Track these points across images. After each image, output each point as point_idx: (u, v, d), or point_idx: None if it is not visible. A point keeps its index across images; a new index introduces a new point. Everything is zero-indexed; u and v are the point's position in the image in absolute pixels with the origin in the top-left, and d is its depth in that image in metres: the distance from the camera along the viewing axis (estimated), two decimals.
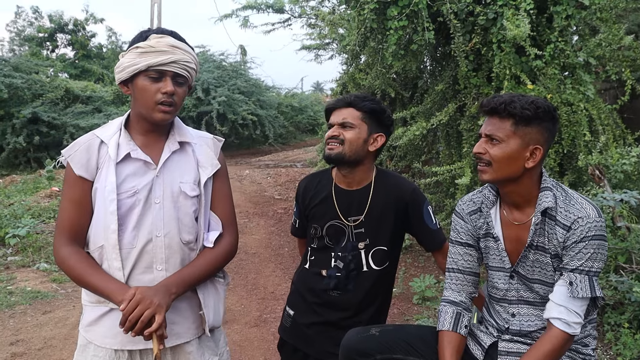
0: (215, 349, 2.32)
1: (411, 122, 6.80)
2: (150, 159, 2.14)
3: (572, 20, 5.36)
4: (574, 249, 2.07)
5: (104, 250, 2.09)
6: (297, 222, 2.87)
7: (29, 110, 15.89)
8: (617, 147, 5.48)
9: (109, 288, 2.02)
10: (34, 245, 7.35)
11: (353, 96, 2.62)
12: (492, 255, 2.30)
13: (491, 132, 2.12)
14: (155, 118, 2.10)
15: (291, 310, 2.81)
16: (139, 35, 2.12)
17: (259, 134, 19.97)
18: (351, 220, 2.62)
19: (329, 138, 2.58)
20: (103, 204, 2.08)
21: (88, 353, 2.17)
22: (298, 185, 2.86)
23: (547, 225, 2.14)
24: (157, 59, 2.04)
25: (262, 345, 4.72)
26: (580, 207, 2.09)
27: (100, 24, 30.23)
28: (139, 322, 1.92)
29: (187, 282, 2.12)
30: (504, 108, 2.08)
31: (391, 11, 5.42)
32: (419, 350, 2.35)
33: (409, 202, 2.63)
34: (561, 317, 2.05)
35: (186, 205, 2.17)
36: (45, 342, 4.73)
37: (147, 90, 2.07)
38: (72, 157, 2.12)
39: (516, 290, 2.26)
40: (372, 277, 2.64)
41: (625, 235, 4.61)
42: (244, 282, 6.43)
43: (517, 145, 2.09)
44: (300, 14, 11.52)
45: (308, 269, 2.76)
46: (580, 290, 2.04)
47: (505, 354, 2.25)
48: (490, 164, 2.12)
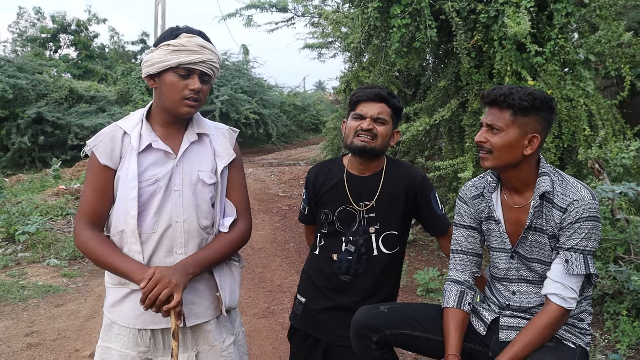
0: (232, 328, 2.44)
1: (414, 118, 6.90)
2: (171, 149, 2.26)
3: (572, 17, 5.47)
4: (569, 230, 2.21)
5: (124, 235, 2.21)
6: (306, 209, 2.95)
7: (33, 111, 16.03)
8: (617, 141, 5.58)
9: (130, 268, 2.13)
10: (44, 242, 7.46)
11: (386, 92, 2.68)
12: (493, 237, 2.43)
13: (492, 122, 2.26)
14: (181, 112, 2.22)
15: (302, 297, 2.90)
16: (169, 32, 2.23)
17: (262, 132, 20.08)
18: (362, 205, 2.72)
19: (363, 130, 2.63)
20: (125, 191, 2.20)
21: (112, 332, 2.29)
22: (308, 172, 2.95)
23: (545, 207, 2.27)
24: (188, 58, 2.16)
25: (271, 335, 4.84)
26: (576, 190, 2.23)
27: (102, 24, 30.31)
28: (157, 300, 2.03)
29: (204, 263, 2.23)
30: (503, 99, 2.22)
31: (394, 9, 5.52)
32: (425, 326, 2.48)
33: (419, 188, 2.75)
34: (557, 292, 2.20)
35: (204, 192, 2.29)
36: (59, 333, 4.85)
37: (175, 86, 2.18)
38: (97, 147, 2.23)
39: (516, 270, 2.39)
40: (383, 261, 2.74)
41: (624, 226, 4.72)
42: (251, 275, 6.55)
43: (516, 134, 2.23)
44: (304, 13, 11.62)
45: (318, 255, 2.85)
46: (576, 268, 2.18)
47: (506, 327, 2.39)
48: (491, 152, 2.26)
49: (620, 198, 4.71)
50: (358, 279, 2.75)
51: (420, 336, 2.47)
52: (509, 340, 2.32)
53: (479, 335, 2.46)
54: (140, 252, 2.19)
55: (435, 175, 6.25)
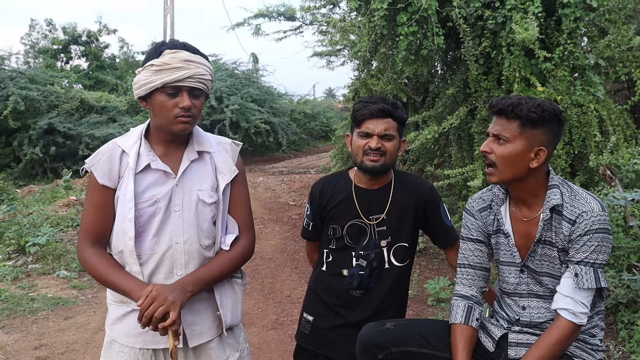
0: (236, 345, 2.40)
1: (423, 126, 6.87)
2: (170, 168, 2.22)
3: (580, 22, 5.42)
4: (579, 242, 2.15)
5: (123, 255, 2.19)
6: (310, 225, 2.89)
7: (44, 121, 16.10)
8: (628, 147, 5.52)
9: (130, 286, 2.10)
10: (54, 253, 7.47)
11: (390, 105, 2.61)
12: (502, 250, 2.38)
13: (498, 132, 2.21)
14: (175, 130, 2.17)
15: (309, 316, 2.83)
16: (153, 51, 2.17)
17: (272, 141, 20.07)
18: (372, 219, 2.68)
19: (372, 150, 2.58)
20: (122, 211, 2.17)
21: (114, 350, 2.27)
22: (312, 188, 2.89)
23: (554, 220, 2.22)
24: (172, 76, 2.09)
25: (280, 347, 4.81)
26: (585, 202, 2.17)
27: (113, 34, 30.51)
28: (153, 318, 2.00)
29: (203, 282, 2.19)
30: (512, 110, 2.16)
31: (401, 17, 5.50)
32: (432, 343, 2.42)
33: (428, 199, 2.72)
34: (568, 307, 2.14)
35: (205, 212, 2.25)
36: (68, 346, 4.84)
37: (164, 106, 2.13)
38: (96, 167, 2.20)
39: (526, 284, 2.33)
40: (394, 274, 2.71)
41: (637, 234, 4.65)
42: (260, 286, 6.52)
43: (523, 146, 2.17)
44: (312, 21, 11.61)
45: (326, 271, 2.79)
46: (586, 282, 2.12)
47: (515, 344, 2.33)
48: (495, 165, 2.21)
49: (632, 205, 4.64)
50: (370, 294, 2.70)
51: (427, 353, 2.42)
52: (518, 357, 2.27)
53: (487, 351, 2.41)
54: (140, 272, 2.17)
55: (445, 184, 6.21)
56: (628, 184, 5.15)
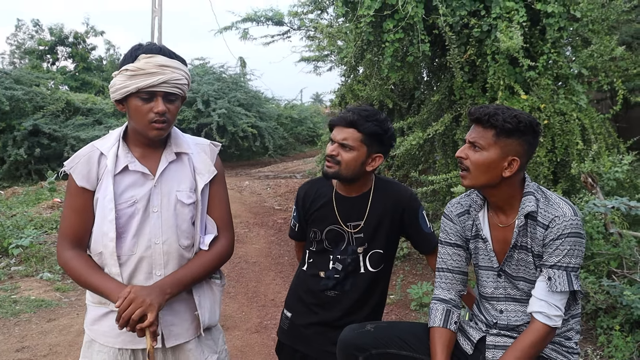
0: (214, 347, 2.42)
1: (408, 132, 6.92)
2: (148, 169, 2.24)
3: (564, 32, 5.50)
4: (552, 246, 2.20)
5: (102, 257, 2.20)
6: (296, 226, 2.96)
7: (29, 123, 15.98)
8: (610, 155, 5.59)
9: (108, 288, 2.12)
10: (37, 256, 7.43)
11: (357, 115, 2.59)
12: (481, 255, 2.43)
13: (474, 139, 2.27)
14: (150, 135, 2.19)
15: (289, 312, 2.90)
16: (129, 54, 2.17)
17: (259, 145, 20.04)
18: (350, 226, 2.73)
19: (328, 155, 2.64)
20: (102, 213, 2.18)
21: (93, 349, 2.29)
22: (298, 190, 2.94)
23: (529, 226, 2.27)
24: (147, 82, 2.10)
25: (263, 351, 4.82)
26: (558, 206, 2.23)
27: (100, 36, 30.44)
28: (130, 319, 2.02)
29: (182, 283, 2.21)
30: (488, 119, 2.21)
31: (387, 24, 5.55)
32: (412, 346, 2.46)
33: (406, 207, 2.75)
34: (542, 310, 2.19)
35: (183, 213, 2.28)
36: (51, 348, 4.82)
37: (139, 110, 2.14)
38: (74, 169, 2.21)
39: (503, 288, 2.38)
40: (368, 278, 2.75)
41: (617, 241, 4.72)
42: (244, 290, 6.52)
43: (496, 155, 2.22)
44: (299, 27, 11.66)
45: (306, 271, 2.86)
46: (559, 285, 2.17)
47: (492, 347, 2.37)
48: (468, 170, 2.27)
49: (612, 212, 4.71)
50: (344, 295, 2.76)
51: (407, 355, 2.45)
52: (496, 359, 2.31)
53: (465, 354, 2.45)
54: (119, 274, 2.18)
55: (429, 190, 6.26)
56: (609, 191, 5.21)
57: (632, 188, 5.66)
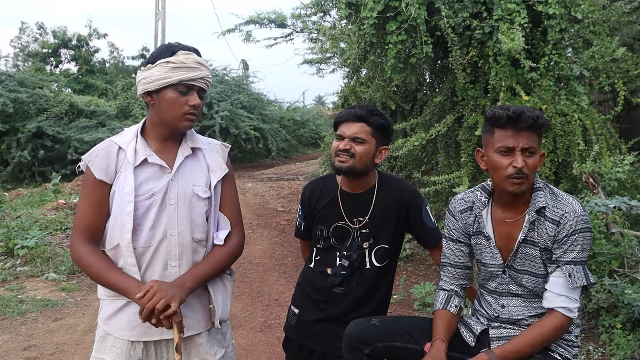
0: (222, 341, 2.49)
1: (411, 133, 6.95)
2: (166, 163, 2.31)
3: (565, 33, 5.53)
4: (567, 242, 2.25)
5: (119, 249, 2.24)
6: (302, 225, 3.01)
7: (33, 125, 16.07)
8: (611, 155, 5.63)
9: (126, 284, 2.17)
10: (42, 256, 7.49)
11: (365, 110, 2.70)
12: (484, 252, 2.47)
13: (529, 145, 2.25)
14: (181, 126, 2.29)
15: (296, 309, 2.96)
16: (165, 49, 2.28)
17: (262, 147, 20.10)
18: (356, 222, 2.78)
19: (340, 151, 2.69)
20: (120, 205, 2.23)
21: (107, 344, 2.32)
22: (303, 189, 3.00)
23: (537, 221, 2.32)
24: (189, 75, 2.22)
25: (267, 349, 4.86)
26: (567, 202, 2.28)
27: (103, 39, 30.51)
28: (155, 310, 2.07)
29: (200, 278, 2.28)
30: (534, 123, 2.22)
31: (390, 26, 5.59)
32: (416, 338, 2.52)
33: (410, 203, 2.81)
34: (564, 305, 2.26)
35: (199, 207, 2.34)
36: (57, 347, 4.87)
37: (176, 102, 2.24)
38: (92, 162, 2.26)
39: (506, 284, 2.43)
40: (374, 274, 2.80)
41: (618, 240, 4.75)
42: (248, 290, 6.57)
43: (539, 154, 2.31)
44: (302, 29, 11.69)
45: (313, 268, 2.91)
46: (578, 280, 2.24)
47: (496, 339, 2.42)
48: (527, 177, 2.27)
49: (614, 212, 4.74)
50: (351, 291, 2.81)
51: (412, 348, 2.50)
52: None
53: (468, 345, 2.49)
54: (135, 264, 2.23)
55: (432, 190, 6.29)
56: (610, 191, 5.25)
57: (634, 188, 5.70)
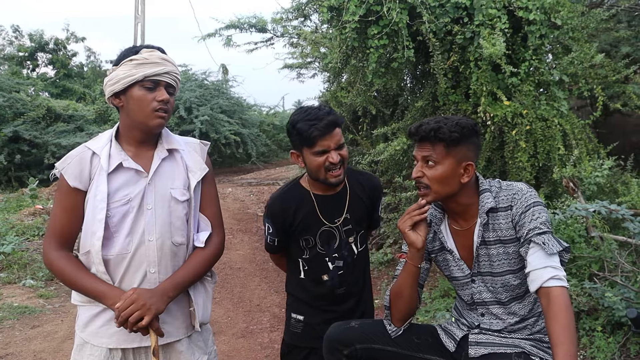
0: (204, 347, 2.45)
1: (392, 138, 6.96)
2: (142, 167, 2.27)
3: (545, 39, 5.59)
4: (526, 217, 2.23)
5: (89, 256, 2.21)
6: (275, 241, 2.85)
7: (10, 129, 15.84)
8: (591, 160, 5.68)
9: (100, 290, 2.15)
10: (20, 262, 7.37)
11: (332, 115, 2.60)
12: (450, 266, 2.48)
13: (427, 156, 2.29)
14: (152, 125, 2.24)
15: (299, 315, 2.88)
16: (129, 50, 2.26)
17: (242, 152, 20.01)
18: (337, 221, 2.78)
19: (334, 164, 2.59)
20: (92, 212, 2.20)
21: (84, 352, 2.29)
22: (270, 206, 2.85)
23: (490, 219, 2.32)
24: (153, 70, 2.20)
25: (250, 355, 4.83)
26: (512, 186, 2.32)
27: (81, 42, 30.25)
28: (128, 321, 2.06)
29: (183, 285, 2.26)
30: (434, 134, 2.25)
31: (372, 30, 5.60)
32: (396, 341, 2.52)
33: (378, 195, 2.93)
34: (553, 274, 2.13)
35: (177, 210, 2.31)
36: (35, 355, 4.79)
37: (143, 99, 2.21)
38: (66, 170, 2.23)
39: (479, 294, 2.42)
40: (361, 258, 2.86)
41: (598, 244, 4.79)
42: (230, 295, 6.53)
43: (452, 165, 2.28)
44: (283, 33, 11.66)
45: (305, 279, 2.84)
46: (553, 247, 2.17)
47: (475, 344, 2.43)
48: (428, 187, 2.30)
49: (594, 216, 4.78)
50: (351, 287, 2.83)
51: (391, 351, 2.51)
52: (479, 355, 2.36)
53: (448, 351, 2.50)
54: (106, 272, 2.20)
55: (413, 194, 6.30)
56: (590, 196, 5.30)
57: (612, 192, 5.75)
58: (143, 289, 2.15)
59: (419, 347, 2.52)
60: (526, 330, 2.39)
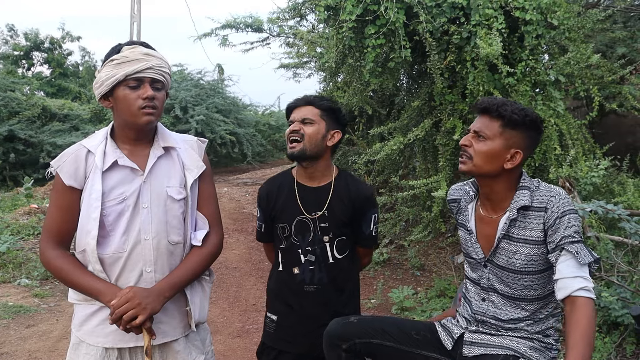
0: (201, 347, 2.43)
1: (388, 137, 6.96)
2: (137, 165, 2.25)
3: (542, 39, 5.59)
4: (560, 224, 2.20)
5: (85, 254, 2.20)
6: (262, 227, 2.95)
7: (5, 128, 15.77)
8: (587, 160, 5.69)
9: (97, 287, 2.14)
10: (15, 262, 7.35)
11: (312, 96, 2.81)
12: (466, 244, 2.50)
13: (479, 129, 2.31)
14: (140, 122, 2.21)
15: (273, 315, 2.90)
16: (111, 50, 2.23)
17: (237, 152, 19.98)
18: (314, 214, 2.77)
19: (291, 132, 2.73)
20: (87, 211, 2.19)
21: (80, 351, 2.27)
22: (259, 191, 2.97)
23: (521, 217, 2.30)
24: (134, 67, 2.16)
25: (246, 355, 4.82)
26: (550, 188, 2.28)
27: (77, 41, 30.20)
28: (122, 319, 2.05)
29: (179, 285, 2.25)
30: (496, 109, 2.26)
31: (369, 30, 5.59)
32: (396, 337, 2.52)
33: (362, 206, 2.82)
34: (583, 285, 2.12)
35: (173, 209, 2.28)
36: (30, 354, 4.77)
37: (128, 98, 2.18)
38: (61, 168, 2.21)
39: (487, 279, 2.43)
40: (338, 266, 2.80)
41: (594, 244, 4.80)
42: (225, 295, 6.51)
43: (501, 145, 2.27)
44: (279, 33, 11.64)
45: (282, 271, 2.87)
46: (585, 257, 2.15)
47: (469, 343, 2.44)
48: (471, 158, 2.30)
49: (590, 216, 4.79)
50: (322, 287, 2.79)
51: (390, 346, 2.51)
52: (471, 355, 2.38)
53: (445, 348, 2.51)
54: (102, 270, 2.19)
55: (410, 195, 6.30)
56: (586, 196, 5.30)
57: (608, 192, 5.77)
58: (140, 288, 2.13)
59: (418, 343, 2.53)
60: (524, 330, 2.38)
